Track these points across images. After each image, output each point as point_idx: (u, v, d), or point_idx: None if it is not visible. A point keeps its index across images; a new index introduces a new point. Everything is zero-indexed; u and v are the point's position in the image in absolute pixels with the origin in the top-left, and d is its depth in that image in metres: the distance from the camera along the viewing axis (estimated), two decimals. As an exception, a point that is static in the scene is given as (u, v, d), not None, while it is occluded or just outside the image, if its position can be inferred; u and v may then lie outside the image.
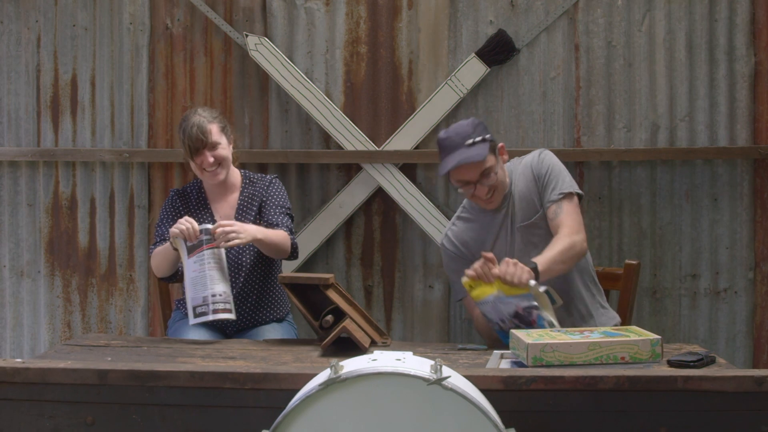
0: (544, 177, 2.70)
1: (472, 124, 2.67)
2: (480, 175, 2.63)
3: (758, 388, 1.84)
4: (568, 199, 2.66)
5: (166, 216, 2.98)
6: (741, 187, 3.53)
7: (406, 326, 3.66)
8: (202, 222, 2.80)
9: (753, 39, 3.50)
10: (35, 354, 3.71)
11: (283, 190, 3.05)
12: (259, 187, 3.02)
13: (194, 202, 3.01)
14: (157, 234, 2.97)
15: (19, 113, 3.76)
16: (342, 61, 3.63)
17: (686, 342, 3.41)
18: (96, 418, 1.92)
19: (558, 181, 2.68)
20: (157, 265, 2.89)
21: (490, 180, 2.65)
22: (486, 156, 2.62)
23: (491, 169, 2.64)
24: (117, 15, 3.70)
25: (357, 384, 1.58)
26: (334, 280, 2.58)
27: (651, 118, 3.54)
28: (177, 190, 3.06)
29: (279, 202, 3.00)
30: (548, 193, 2.68)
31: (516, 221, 2.73)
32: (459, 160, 2.60)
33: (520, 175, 2.75)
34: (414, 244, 3.65)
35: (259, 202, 2.99)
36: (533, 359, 2.08)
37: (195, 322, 2.66)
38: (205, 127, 2.87)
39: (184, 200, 3.01)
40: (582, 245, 2.62)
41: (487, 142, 2.64)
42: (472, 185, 2.65)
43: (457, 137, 2.64)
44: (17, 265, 3.78)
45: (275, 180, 3.06)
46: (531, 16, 3.56)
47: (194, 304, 2.64)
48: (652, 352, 2.13)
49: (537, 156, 2.75)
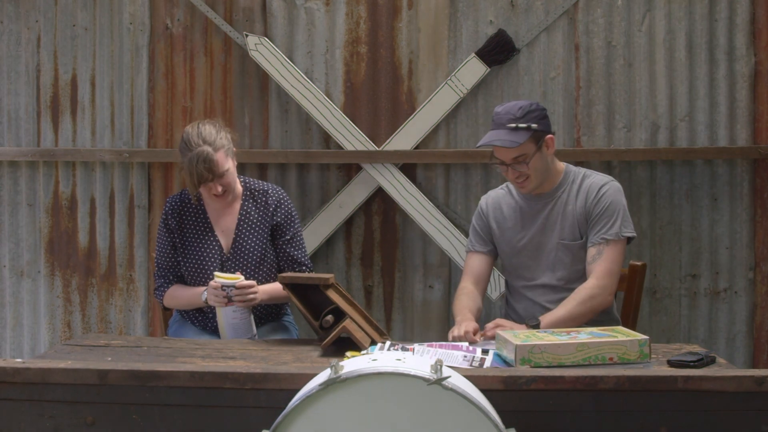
0: (599, 213, 2.70)
1: (525, 108, 2.68)
2: (512, 160, 2.67)
3: (758, 388, 1.84)
4: (614, 244, 2.67)
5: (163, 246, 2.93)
6: (741, 187, 3.53)
7: (406, 326, 3.66)
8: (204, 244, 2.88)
9: (753, 39, 3.50)
10: (35, 354, 3.71)
11: (294, 212, 2.99)
12: (260, 201, 2.94)
13: (192, 217, 2.93)
14: (158, 270, 2.94)
15: (19, 113, 3.76)
16: (342, 61, 3.63)
17: (686, 342, 3.42)
18: (96, 418, 1.92)
19: (611, 222, 2.68)
20: (175, 306, 2.93)
21: (521, 167, 2.67)
22: (521, 144, 2.64)
23: (525, 157, 2.66)
24: (117, 15, 3.70)
25: (357, 384, 1.58)
26: (334, 280, 2.58)
27: (651, 118, 3.54)
28: (172, 206, 2.94)
29: (298, 233, 2.97)
30: (596, 231, 2.69)
31: (555, 230, 2.75)
32: (492, 140, 2.67)
33: (581, 191, 2.75)
34: (414, 244, 3.65)
35: (269, 223, 2.93)
36: (521, 360, 2.08)
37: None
38: (212, 160, 2.75)
39: (179, 217, 2.93)
40: (604, 299, 2.63)
41: (530, 131, 2.65)
42: (506, 166, 2.70)
43: (505, 117, 2.68)
44: (17, 265, 3.78)
45: (284, 199, 2.97)
46: (531, 16, 3.56)
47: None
48: (640, 352, 2.13)
49: (600, 186, 2.73)
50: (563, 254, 2.73)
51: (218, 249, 2.89)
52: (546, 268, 2.74)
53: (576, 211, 2.73)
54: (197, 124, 2.85)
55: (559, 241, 2.73)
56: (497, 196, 2.89)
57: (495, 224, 2.84)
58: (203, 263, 2.88)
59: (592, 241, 2.68)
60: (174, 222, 2.92)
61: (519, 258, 2.79)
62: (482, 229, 2.86)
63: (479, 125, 3.59)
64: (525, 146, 2.65)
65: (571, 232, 2.73)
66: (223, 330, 2.75)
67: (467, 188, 3.62)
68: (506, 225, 2.82)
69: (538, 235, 2.76)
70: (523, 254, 2.77)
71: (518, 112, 2.66)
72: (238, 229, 2.91)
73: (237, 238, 2.90)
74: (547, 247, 2.74)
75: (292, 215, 2.97)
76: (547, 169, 2.73)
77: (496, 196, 2.90)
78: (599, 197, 2.70)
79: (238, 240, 2.90)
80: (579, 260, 2.71)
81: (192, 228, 2.91)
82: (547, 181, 2.76)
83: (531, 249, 2.76)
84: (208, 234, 2.91)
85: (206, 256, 2.88)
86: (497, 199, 2.88)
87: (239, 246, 2.89)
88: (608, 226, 2.67)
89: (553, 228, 2.75)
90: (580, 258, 2.71)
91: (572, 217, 2.73)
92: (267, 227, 2.92)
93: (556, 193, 2.77)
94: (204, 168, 2.74)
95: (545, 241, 2.75)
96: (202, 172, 2.75)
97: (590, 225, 2.70)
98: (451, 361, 2.12)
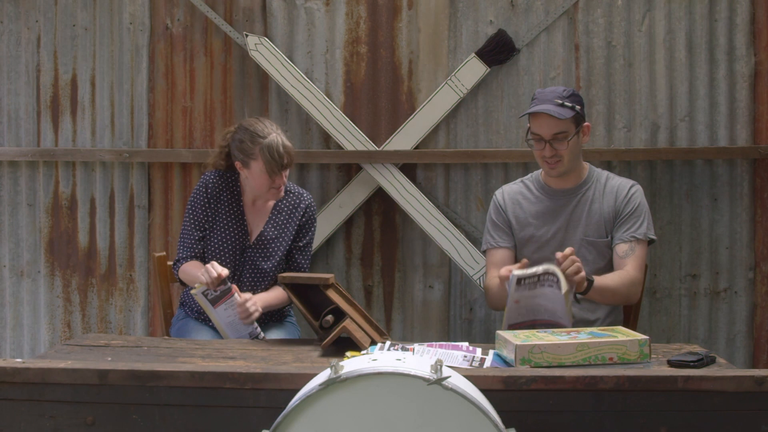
0: (630, 212, 2.76)
1: (569, 91, 2.75)
2: (553, 135, 2.69)
3: (758, 388, 1.84)
4: (642, 244, 2.74)
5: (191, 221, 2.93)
6: (741, 187, 3.53)
7: (406, 326, 3.66)
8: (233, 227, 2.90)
9: (753, 39, 3.50)
10: (35, 354, 3.71)
11: (316, 222, 3.06)
12: (292, 202, 2.99)
13: (227, 196, 2.95)
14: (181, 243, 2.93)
15: (19, 113, 3.76)
16: (342, 61, 3.63)
17: (686, 342, 3.42)
18: (96, 418, 1.92)
19: (639, 222, 2.75)
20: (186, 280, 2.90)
21: (561, 145, 2.70)
22: (567, 119, 2.68)
23: (566, 134, 2.70)
24: (117, 15, 3.70)
25: (357, 384, 1.58)
26: (334, 280, 2.58)
27: (651, 118, 3.54)
28: (212, 180, 2.94)
29: (311, 242, 3.03)
30: (626, 228, 2.74)
31: (580, 227, 2.77)
32: (542, 108, 2.68)
33: (607, 191, 2.79)
34: (414, 244, 3.65)
35: (296, 223, 2.98)
36: (521, 360, 2.08)
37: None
38: (288, 146, 2.84)
39: (215, 197, 2.94)
40: (636, 295, 2.73)
41: (574, 111, 2.70)
42: (543, 143, 2.71)
43: (550, 94, 2.73)
44: (17, 265, 3.78)
45: (312, 207, 3.03)
46: (531, 16, 3.56)
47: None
48: (640, 352, 2.14)
49: (629, 187, 2.80)
50: (586, 251, 2.76)
51: (245, 235, 2.93)
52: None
53: (603, 210, 2.77)
54: (256, 118, 2.94)
55: (583, 238, 2.76)
56: (513, 190, 2.89)
57: (514, 219, 2.84)
58: (226, 245, 2.91)
59: (623, 237, 2.73)
60: (210, 196, 2.93)
61: (541, 252, 2.79)
62: (503, 224, 2.86)
63: (479, 125, 3.59)
64: (569, 123, 2.70)
65: (596, 229, 2.77)
66: (223, 331, 2.75)
67: (467, 188, 3.62)
68: (527, 220, 2.82)
69: (562, 231, 2.78)
70: (546, 249, 2.78)
71: (564, 92, 2.73)
72: (269, 223, 2.96)
73: (265, 231, 2.95)
74: (570, 243, 2.76)
75: (313, 225, 3.04)
76: (578, 156, 2.79)
77: (511, 190, 2.90)
78: (629, 197, 2.77)
79: (266, 233, 2.94)
80: (601, 258, 2.76)
81: (225, 207, 2.95)
82: (574, 172, 2.80)
83: (555, 244, 2.77)
84: (239, 218, 2.94)
85: (231, 238, 2.92)
86: (514, 193, 2.88)
87: (264, 239, 2.94)
88: (638, 225, 2.74)
89: (578, 224, 2.78)
90: (603, 255, 2.77)
91: (599, 216, 2.77)
92: (293, 228, 2.98)
93: (581, 189, 2.80)
94: (284, 151, 2.81)
95: (569, 236, 2.78)
96: (283, 156, 2.80)
97: (619, 222, 2.75)
98: (451, 361, 2.12)
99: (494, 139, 3.59)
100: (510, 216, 2.85)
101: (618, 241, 2.74)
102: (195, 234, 2.94)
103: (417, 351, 2.20)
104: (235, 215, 2.95)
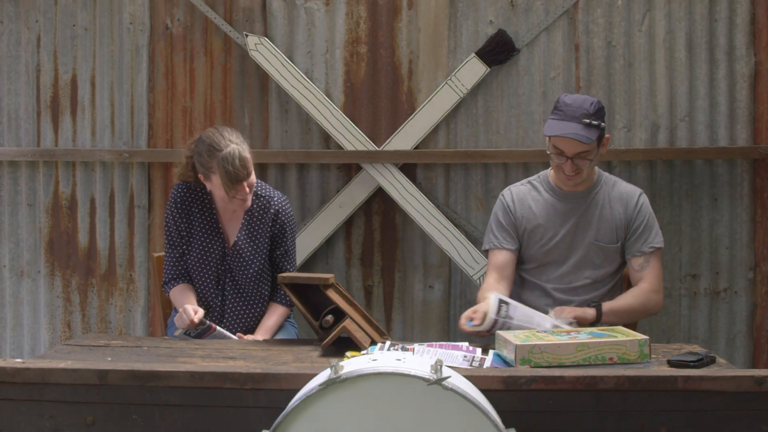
0: (641, 224, 2.76)
1: (596, 106, 2.68)
2: (576, 155, 2.67)
3: (758, 388, 1.84)
4: (657, 254, 2.75)
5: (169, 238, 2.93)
6: (741, 187, 3.53)
7: (406, 326, 3.66)
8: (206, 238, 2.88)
9: (753, 39, 3.50)
10: (35, 354, 3.71)
11: (292, 224, 2.99)
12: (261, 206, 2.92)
13: (198, 206, 2.93)
14: (166, 262, 2.94)
15: (19, 113, 3.76)
16: (342, 61, 3.63)
17: (686, 342, 3.41)
18: (96, 418, 1.92)
19: (651, 234, 2.76)
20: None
21: (584, 164, 2.69)
22: (592, 142, 2.66)
23: (589, 154, 2.68)
24: (117, 15, 3.70)
25: (357, 384, 1.58)
26: (334, 280, 2.58)
27: (651, 118, 3.54)
28: (180, 193, 2.92)
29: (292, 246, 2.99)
30: (640, 242, 2.75)
31: (590, 231, 2.77)
32: (568, 132, 2.64)
33: (616, 197, 2.79)
34: (414, 244, 3.65)
35: (268, 230, 2.92)
36: (521, 360, 2.08)
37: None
38: (245, 157, 2.76)
39: (187, 205, 2.91)
40: (658, 305, 2.74)
41: (599, 129, 2.68)
42: (565, 158, 2.68)
43: (579, 110, 2.66)
44: (17, 265, 3.78)
45: (284, 210, 2.95)
46: (531, 16, 3.56)
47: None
48: (640, 352, 2.14)
49: (638, 196, 2.80)
50: (595, 255, 2.76)
51: (222, 242, 2.91)
52: (574, 265, 2.76)
53: (615, 216, 2.77)
54: (215, 128, 2.86)
55: (593, 242, 2.76)
56: (520, 191, 2.87)
57: (522, 219, 2.83)
58: (206, 255, 2.90)
59: (638, 251, 2.74)
60: (182, 210, 2.91)
61: (549, 255, 2.79)
62: (510, 225, 2.83)
63: (479, 125, 3.59)
64: (593, 144, 2.68)
65: (607, 234, 2.76)
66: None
67: (467, 188, 3.62)
68: (536, 221, 2.81)
69: (571, 233, 2.78)
70: (555, 251, 2.78)
71: (591, 107, 2.67)
72: (242, 230, 2.91)
73: (239, 239, 2.91)
74: (579, 245, 2.76)
75: (289, 228, 2.96)
76: (594, 170, 2.80)
77: (519, 191, 2.87)
78: (639, 207, 2.78)
79: (240, 240, 2.91)
80: (609, 262, 2.77)
81: (198, 219, 2.92)
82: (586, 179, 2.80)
83: (564, 246, 2.77)
84: (213, 226, 2.92)
85: (210, 248, 2.90)
86: (521, 194, 2.86)
87: (239, 246, 2.90)
88: (650, 237, 2.75)
89: (588, 227, 2.77)
90: (611, 260, 2.77)
91: (610, 221, 2.76)
92: (267, 234, 2.93)
93: (591, 192, 2.79)
94: (240, 165, 2.74)
95: (578, 239, 2.77)
96: (238, 169, 2.73)
97: (632, 235, 2.76)
98: (451, 361, 2.12)
99: (494, 139, 3.59)
100: (518, 217, 2.83)
101: (632, 255, 2.75)
102: (174, 253, 2.93)
103: (417, 351, 2.20)
104: (210, 225, 2.91)
